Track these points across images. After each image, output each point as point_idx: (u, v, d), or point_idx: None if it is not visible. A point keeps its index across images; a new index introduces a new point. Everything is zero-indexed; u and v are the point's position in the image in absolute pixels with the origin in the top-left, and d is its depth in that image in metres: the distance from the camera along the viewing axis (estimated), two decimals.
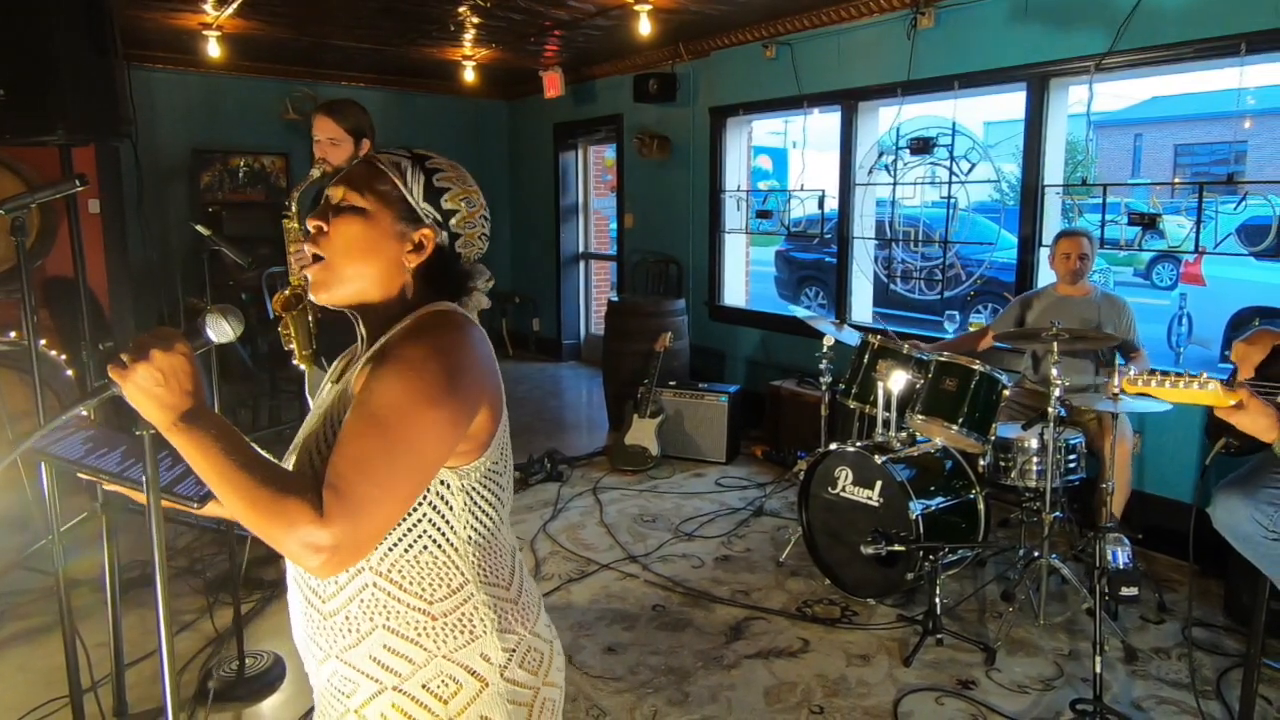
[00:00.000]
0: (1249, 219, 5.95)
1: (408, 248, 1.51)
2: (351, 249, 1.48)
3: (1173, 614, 4.20)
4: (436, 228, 1.53)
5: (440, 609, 1.45)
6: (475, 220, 1.58)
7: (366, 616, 1.44)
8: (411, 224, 1.51)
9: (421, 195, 1.52)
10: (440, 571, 1.46)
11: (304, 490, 1.25)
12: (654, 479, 6.29)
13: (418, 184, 1.51)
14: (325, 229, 1.49)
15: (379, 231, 1.49)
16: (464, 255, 1.59)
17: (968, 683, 3.63)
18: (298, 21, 7.01)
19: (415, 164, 1.53)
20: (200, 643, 3.87)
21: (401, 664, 1.44)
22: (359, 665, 1.45)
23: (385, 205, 1.50)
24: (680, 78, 8.08)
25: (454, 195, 1.55)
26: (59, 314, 5.15)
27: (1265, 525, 2.89)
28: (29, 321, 2.82)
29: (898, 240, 6.77)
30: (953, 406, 4.35)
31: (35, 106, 3.33)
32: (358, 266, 1.49)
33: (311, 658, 1.52)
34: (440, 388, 1.36)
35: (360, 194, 1.49)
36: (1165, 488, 4.98)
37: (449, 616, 1.45)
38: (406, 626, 1.44)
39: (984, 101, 6.84)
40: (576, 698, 3.51)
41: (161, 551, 1.60)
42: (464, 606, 1.47)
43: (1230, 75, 4.75)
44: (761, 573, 4.71)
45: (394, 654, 1.44)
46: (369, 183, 1.50)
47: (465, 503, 1.47)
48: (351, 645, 1.45)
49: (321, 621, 1.47)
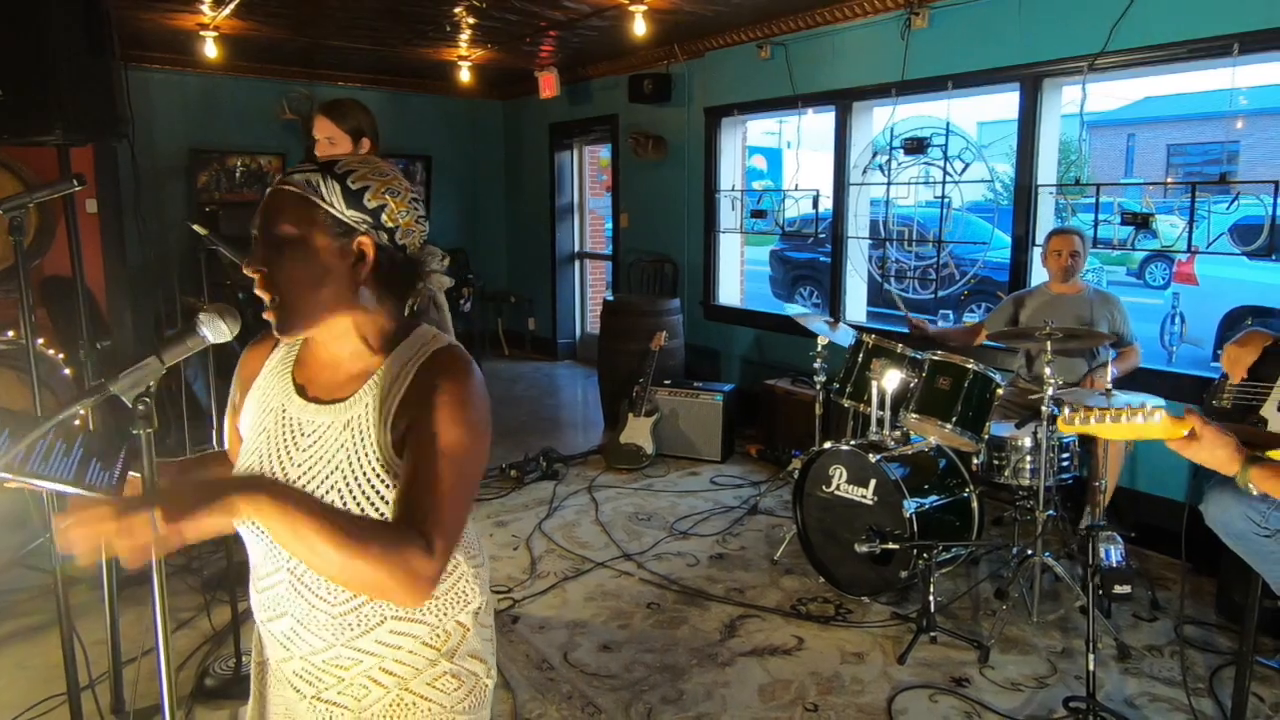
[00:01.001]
0: (1241, 218, 5.97)
1: (350, 260, 1.47)
2: (298, 282, 1.44)
3: (1165, 612, 4.21)
4: (371, 230, 1.48)
5: (442, 589, 1.60)
6: (405, 208, 1.53)
7: (377, 612, 1.53)
8: (345, 236, 1.46)
9: (344, 204, 1.46)
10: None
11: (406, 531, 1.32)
12: (649, 477, 6.30)
13: (335, 194, 1.45)
14: (265, 270, 1.44)
15: (317, 255, 1.45)
16: (408, 245, 1.54)
17: (961, 680, 3.65)
18: (294, 22, 7.02)
19: (325, 174, 1.47)
20: (197, 640, 3.87)
21: (405, 640, 1.56)
22: (364, 648, 1.54)
23: (313, 227, 1.44)
24: (675, 78, 8.09)
25: (374, 192, 1.49)
26: (57, 313, 5.15)
27: (1257, 522, 2.91)
28: (27, 320, 2.83)
29: (892, 240, 6.79)
30: (946, 405, 4.36)
31: (33, 107, 3.33)
32: (310, 296, 1.46)
33: (304, 645, 1.54)
34: (485, 423, 1.49)
35: (285, 225, 1.44)
36: (1158, 486, 5.00)
37: (448, 594, 1.61)
38: (413, 611, 1.56)
39: (978, 101, 6.90)
40: (572, 695, 3.52)
41: (159, 550, 1.61)
42: (459, 583, 1.63)
43: (1223, 75, 4.78)
44: (756, 571, 4.72)
45: (399, 634, 1.56)
46: (289, 210, 1.45)
47: None
48: (359, 635, 1.53)
49: (328, 619, 1.51)
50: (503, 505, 5.70)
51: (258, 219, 1.47)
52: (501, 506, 5.68)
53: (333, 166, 1.49)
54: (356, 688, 1.56)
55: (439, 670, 1.59)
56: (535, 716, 3.39)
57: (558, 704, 3.47)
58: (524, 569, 4.73)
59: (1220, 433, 1.90)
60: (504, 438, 7.10)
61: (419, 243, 1.58)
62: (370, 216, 1.48)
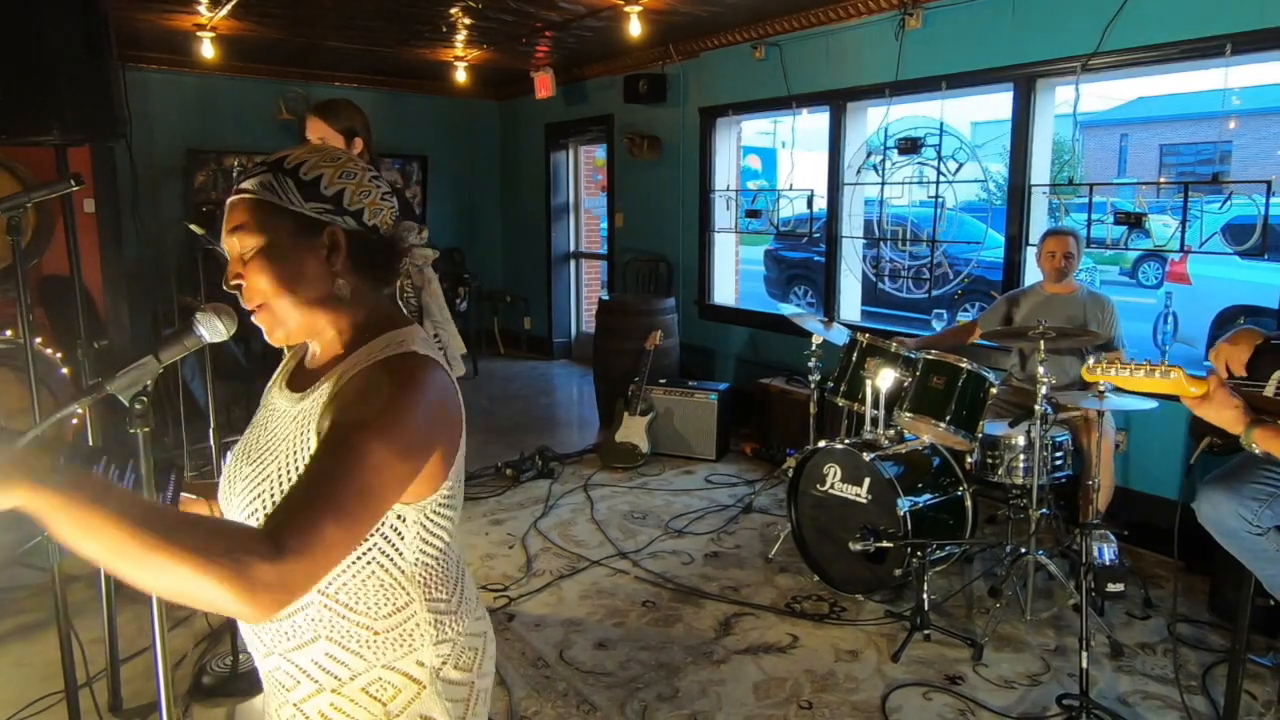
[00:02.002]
0: (1234, 218, 5.99)
1: (323, 254, 1.44)
2: (276, 286, 1.42)
3: (1158, 610, 4.23)
4: (336, 218, 1.44)
5: (384, 625, 1.45)
6: (366, 188, 1.48)
7: (310, 627, 1.43)
8: (311, 231, 1.43)
9: (302, 197, 1.42)
10: (386, 593, 1.45)
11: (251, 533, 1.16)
12: (644, 476, 6.32)
13: (289, 190, 1.42)
14: (244, 280, 1.43)
15: (287, 255, 1.42)
16: (379, 225, 1.50)
17: (955, 678, 3.66)
18: (291, 23, 7.02)
19: (275, 172, 1.44)
20: (194, 639, 3.88)
21: (341, 669, 1.44)
22: (300, 664, 1.44)
23: (277, 228, 1.41)
24: (670, 78, 8.10)
25: (330, 177, 1.45)
26: (54, 312, 5.15)
27: (1250, 521, 2.92)
28: (25, 320, 2.83)
29: (886, 239, 6.81)
30: (940, 404, 4.38)
31: (31, 107, 3.34)
32: (291, 297, 1.43)
33: (256, 648, 1.50)
34: (406, 441, 1.33)
35: (249, 233, 1.41)
36: (1151, 484, 5.02)
37: (391, 632, 1.45)
38: (349, 639, 1.43)
39: (971, 102, 6.90)
40: (568, 693, 3.54)
41: None
42: (407, 623, 1.46)
43: (1215, 76, 4.79)
44: (751, 569, 4.74)
45: (334, 660, 1.44)
46: (250, 217, 1.41)
47: (418, 532, 1.45)
48: (295, 647, 1.44)
49: (267, 623, 1.44)
50: (499, 504, 5.71)
51: (228, 228, 1.43)
52: (497, 505, 5.69)
53: (282, 163, 1.45)
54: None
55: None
56: (531, 714, 3.40)
57: (553, 701, 3.48)
58: (520, 567, 4.74)
59: (1230, 394, 2.13)
60: (500, 436, 7.12)
61: (390, 219, 1.52)
62: (331, 204, 1.44)
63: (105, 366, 2.73)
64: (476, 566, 4.70)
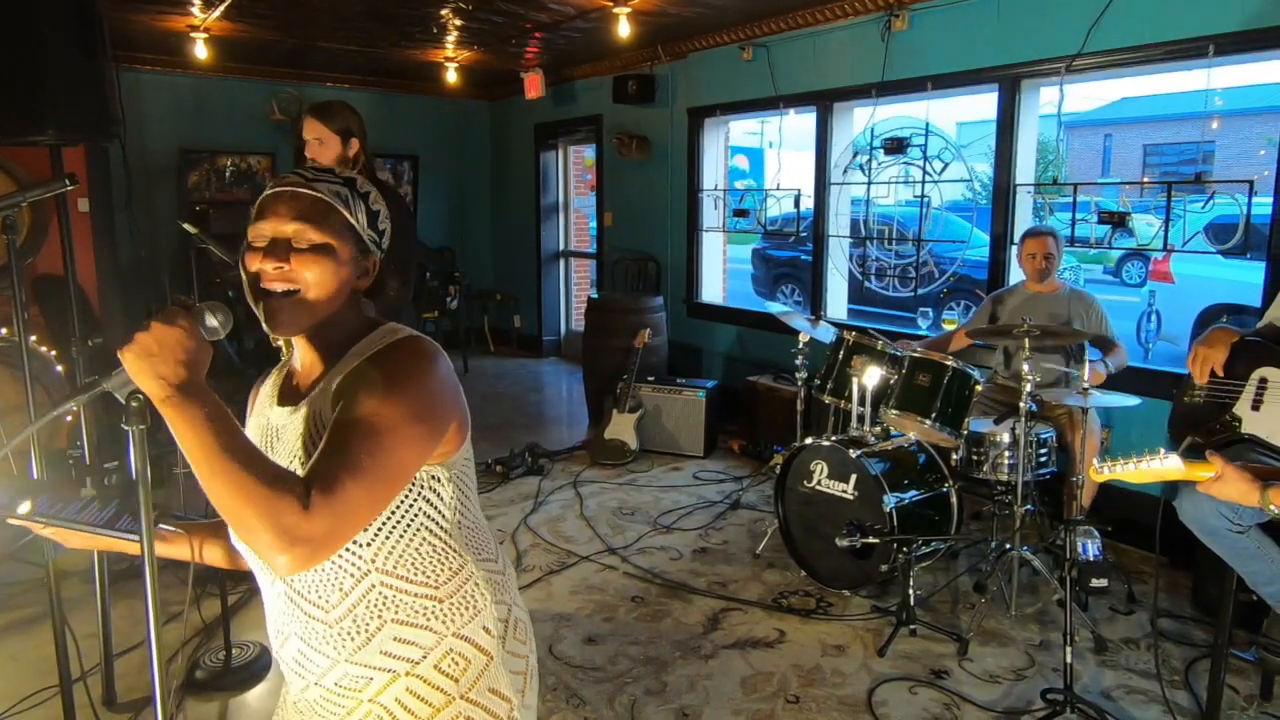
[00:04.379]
0: (1216, 218, 6.05)
1: (359, 274, 1.53)
2: (323, 285, 1.47)
3: (1141, 605, 4.27)
4: (377, 251, 1.56)
5: (446, 590, 1.51)
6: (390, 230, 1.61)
7: (374, 615, 1.47)
8: (364, 253, 1.53)
9: (366, 223, 1.52)
10: (441, 557, 1.51)
11: (292, 482, 1.24)
12: (633, 473, 6.35)
13: (361, 213, 1.52)
14: (286, 268, 1.45)
15: (342, 265, 1.49)
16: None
17: (941, 672, 3.69)
18: (284, 24, 7.04)
19: (353, 193, 1.52)
20: (188, 633, 3.90)
21: (413, 650, 1.49)
22: (370, 662, 1.49)
23: (343, 240, 1.49)
24: (659, 79, 8.13)
25: (384, 216, 1.58)
26: (49, 311, 5.17)
27: (1230, 519, 2.95)
28: (20, 318, 2.85)
29: (872, 238, 6.84)
30: (926, 401, 4.42)
31: (26, 107, 3.36)
32: (328, 300, 1.49)
33: (313, 667, 1.52)
34: (422, 406, 1.41)
35: (317, 228, 1.46)
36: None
37: (454, 597, 1.52)
38: (415, 614, 1.49)
39: (957, 102, 6.93)
40: (557, 687, 3.56)
41: (150, 544, 1.64)
42: (466, 585, 1.54)
43: (1198, 77, 4.83)
44: (738, 565, 4.77)
45: (404, 643, 1.49)
46: (325, 218, 1.47)
47: (454, 492, 1.53)
48: (361, 646, 1.48)
49: (326, 631, 1.48)
50: (488, 500, 5.72)
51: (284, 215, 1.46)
52: (487, 501, 5.71)
53: (355, 184, 1.54)
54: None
55: (454, 711, 1.51)
56: None
57: (543, 696, 3.50)
58: (510, 563, 4.75)
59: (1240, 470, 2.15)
60: (490, 433, 7.13)
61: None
62: (379, 237, 1.56)
63: (100, 364, 2.74)
64: None
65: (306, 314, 1.48)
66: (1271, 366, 3.02)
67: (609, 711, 3.41)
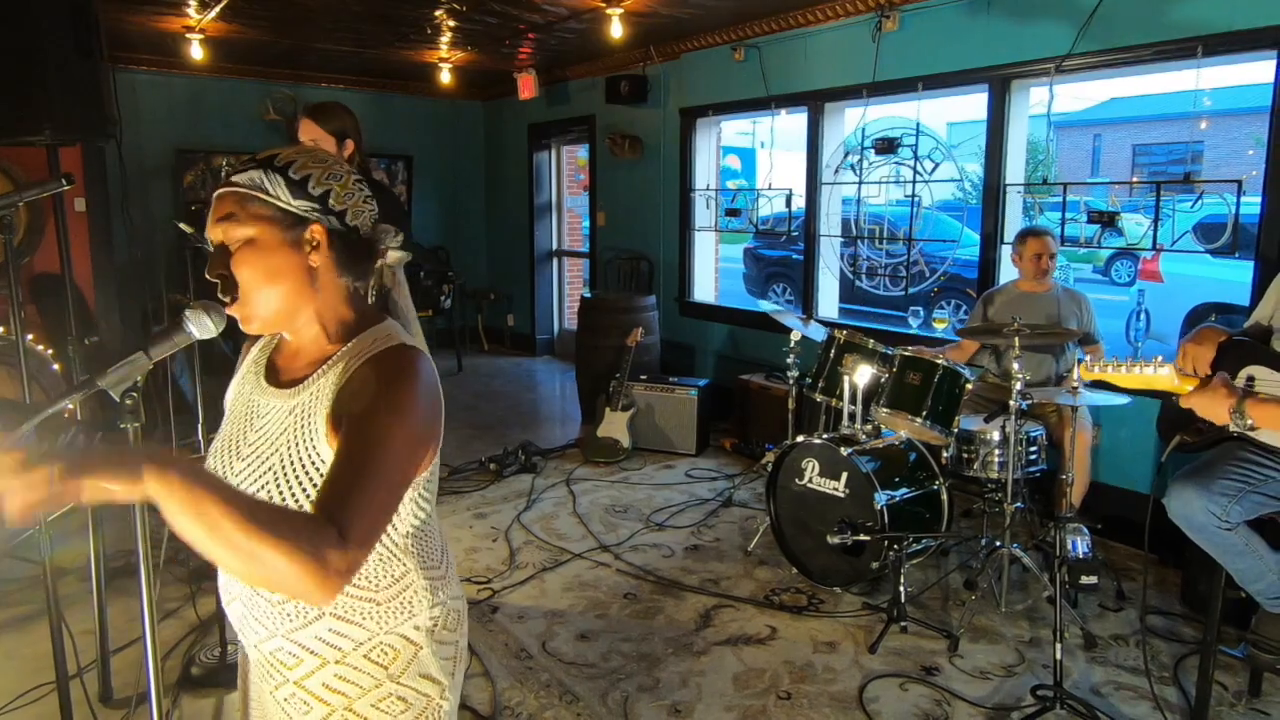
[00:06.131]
0: (1205, 217, 6.06)
1: (306, 250, 1.49)
2: (258, 279, 1.46)
3: (1131, 602, 4.29)
4: (321, 217, 1.50)
5: (385, 595, 1.52)
6: (350, 190, 1.55)
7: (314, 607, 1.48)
8: (297, 227, 1.48)
9: (290, 195, 1.47)
10: (385, 565, 1.52)
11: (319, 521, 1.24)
12: (625, 470, 6.36)
13: (279, 187, 1.47)
14: (225, 274, 1.46)
15: (273, 250, 1.46)
16: (359, 226, 1.56)
17: (931, 669, 3.71)
18: (279, 25, 7.04)
19: (265, 169, 1.48)
20: (183, 630, 3.91)
21: (344, 641, 1.51)
22: (304, 643, 1.50)
23: (265, 223, 1.46)
24: (651, 79, 8.15)
25: (317, 179, 1.50)
26: (46, 309, 5.18)
27: (1219, 516, 2.97)
28: (16, 317, 2.86)
29: (863, 238, 6.87)
30: (917, 400, 4.44)
31: (23, 107, 3.37)
32: (270, 290, 1.47)
33: (251, 633, 1.54)
34: (423, 426, 1.45)
35: (237, 224, 1.45)
36: (1123, 479, 5.09)
37: (392, 601, 1.53)
38: (352, 613, 1.50)
39: (947, 102, 6.96)
40: (550, 684, 3.57)
41: (146, 542, 1.65)
42: (405, 592, 1.54)
43: (1187, 77, 4.85)
44: (730, 562, 4.79)
45: (337, 634, 1.50)
46: (239, 209, 1.46)
47: (411, 507, 1.54)
48: (299, 627, 1.49)
49: (269, 607, 1.49)
50: (482, 498, 5.74)
51: (209, 223, 1.48)
52: (481, 499, 5.72)
53: (272, 160, 1.50)
54: (299, 702, 1.53)
55: (384, 691, 1.53)
56: (514, 704, 3.44)
57: (536, 692, 3.52)
58: (503, 560, 4.78)
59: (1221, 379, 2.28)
60: (483, 431, 7.15)
61: (370, 222, 1.59)
62: (318, 203, 1.50)
63: (96, 363, 2.75)
64: (460, 559, 4.72)
65: (255, 310, 1.49)
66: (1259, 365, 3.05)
67: (602, 708, 3.43)
